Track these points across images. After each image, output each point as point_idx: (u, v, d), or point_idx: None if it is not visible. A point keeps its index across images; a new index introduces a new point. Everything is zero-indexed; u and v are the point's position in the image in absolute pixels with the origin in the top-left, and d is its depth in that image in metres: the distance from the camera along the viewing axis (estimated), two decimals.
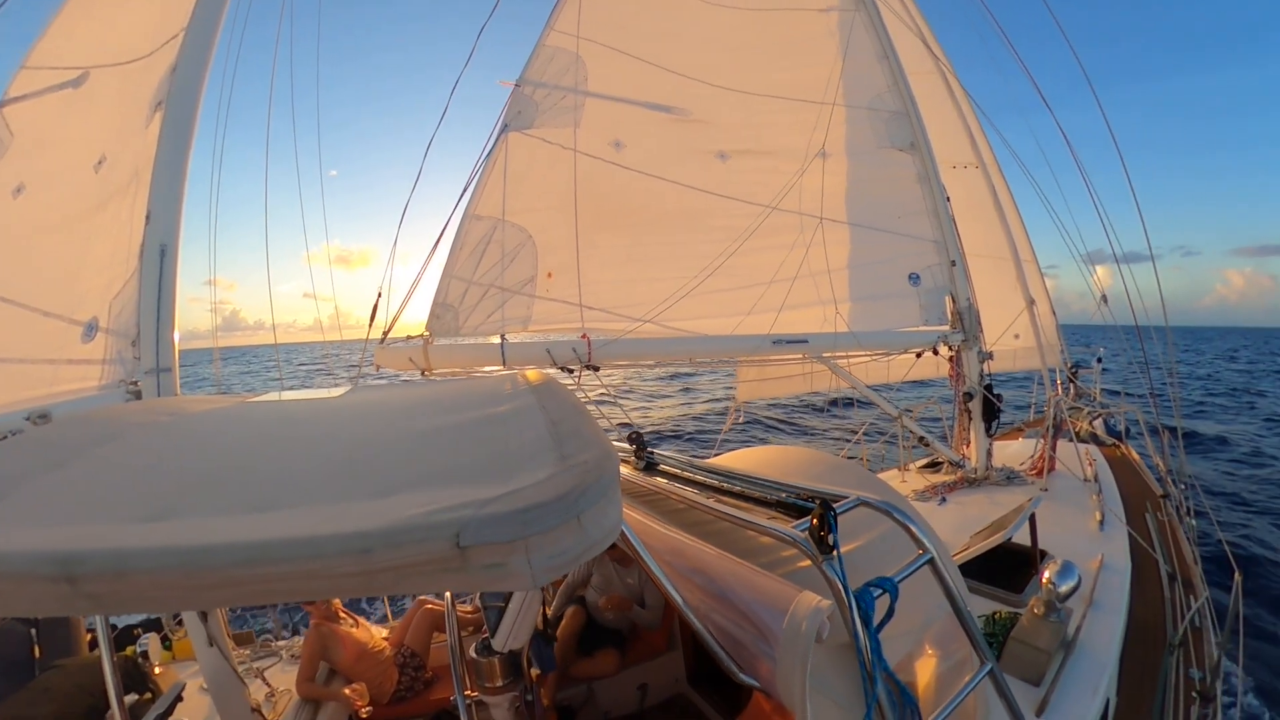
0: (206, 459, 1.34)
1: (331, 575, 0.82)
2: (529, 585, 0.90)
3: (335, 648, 3.40)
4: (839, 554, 1.55)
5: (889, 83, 5.33)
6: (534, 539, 0.86)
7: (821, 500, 1.62)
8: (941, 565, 1.79)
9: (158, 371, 2.73)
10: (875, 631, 1.62)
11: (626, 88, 5.04)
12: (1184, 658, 3.74)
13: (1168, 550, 4.67)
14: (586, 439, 1.21)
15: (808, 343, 3.90)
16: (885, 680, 1.76)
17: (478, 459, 1.19)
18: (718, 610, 1.79)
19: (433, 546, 0.82)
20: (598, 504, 0.96)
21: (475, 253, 4.68)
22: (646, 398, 18.31)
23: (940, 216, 4.74)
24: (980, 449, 4.79)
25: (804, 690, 1.48)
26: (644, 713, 3.92)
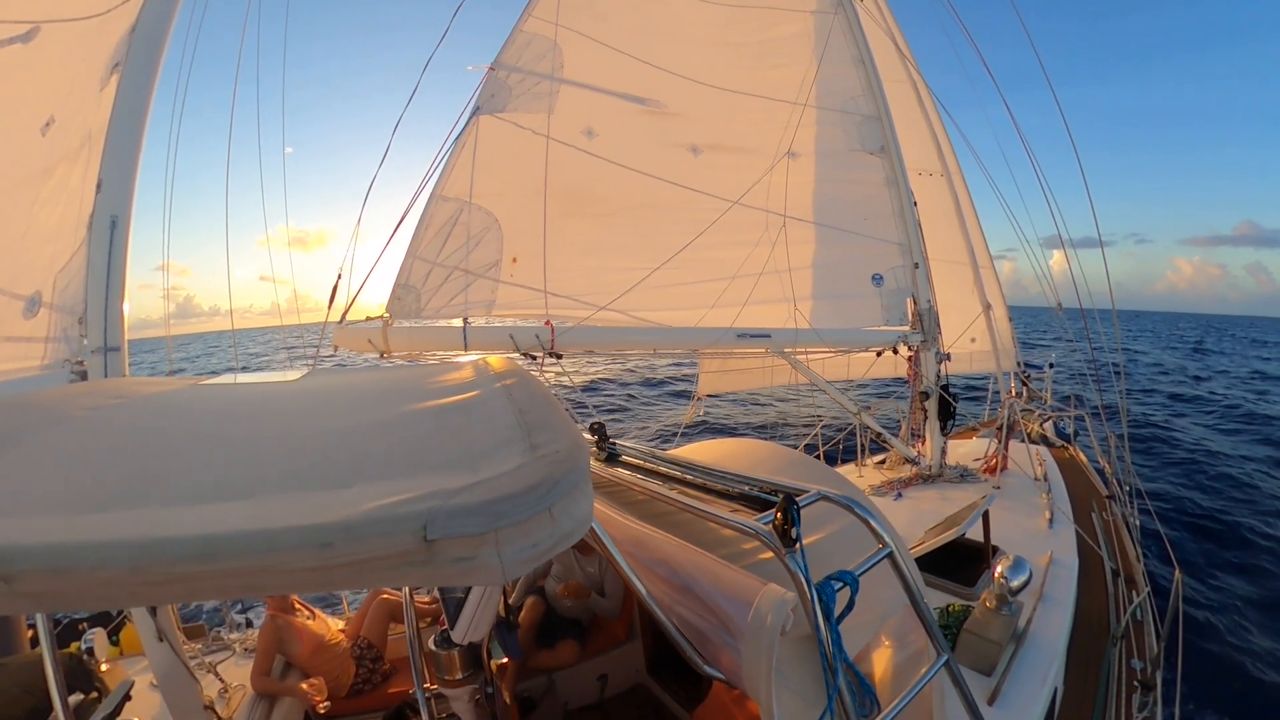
0: (155, 445, 1.26)
1: (288, 570, 0.77)
2: (499, 579, 0.86)
3: (291, 641, 3.33)
4: (802, 547, 1.56)
5: (863, 87, 5.40)
6: (505, 531, 0.82)
7: (785, 494, 1.61)
8: (900, 559, 1.82)
9: (105, 351, 2.59)
10: (836, 624, 1.63)
11: (602, 77, 5.01)
12: (1126, 649, 3.90)
13: (1112, 548, 4.87)
14: (557, 429, 1.17)
15: (770, 337, 3.95)
16: (845, 671, 1.80)
17: (443, 448, 1.15)
18: (681, 602, 1.79)
19: (398, 540, 0.78)
20: (569, 495, 0.93)
21: (440, 234, 4.59)
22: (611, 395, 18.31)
23: (906, 219, 4.83)
24: (935, 447, 4.91)
25: (769, 682, 1.48)
26: (604, 703, 3.93)
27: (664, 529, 2.03)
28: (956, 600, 3.62)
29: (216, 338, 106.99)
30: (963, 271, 6.09)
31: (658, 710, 3.82)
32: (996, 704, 3.00)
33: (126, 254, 2.69)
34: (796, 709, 1.61)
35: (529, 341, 3.98)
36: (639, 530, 2.07)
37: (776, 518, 1.57)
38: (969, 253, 5.87)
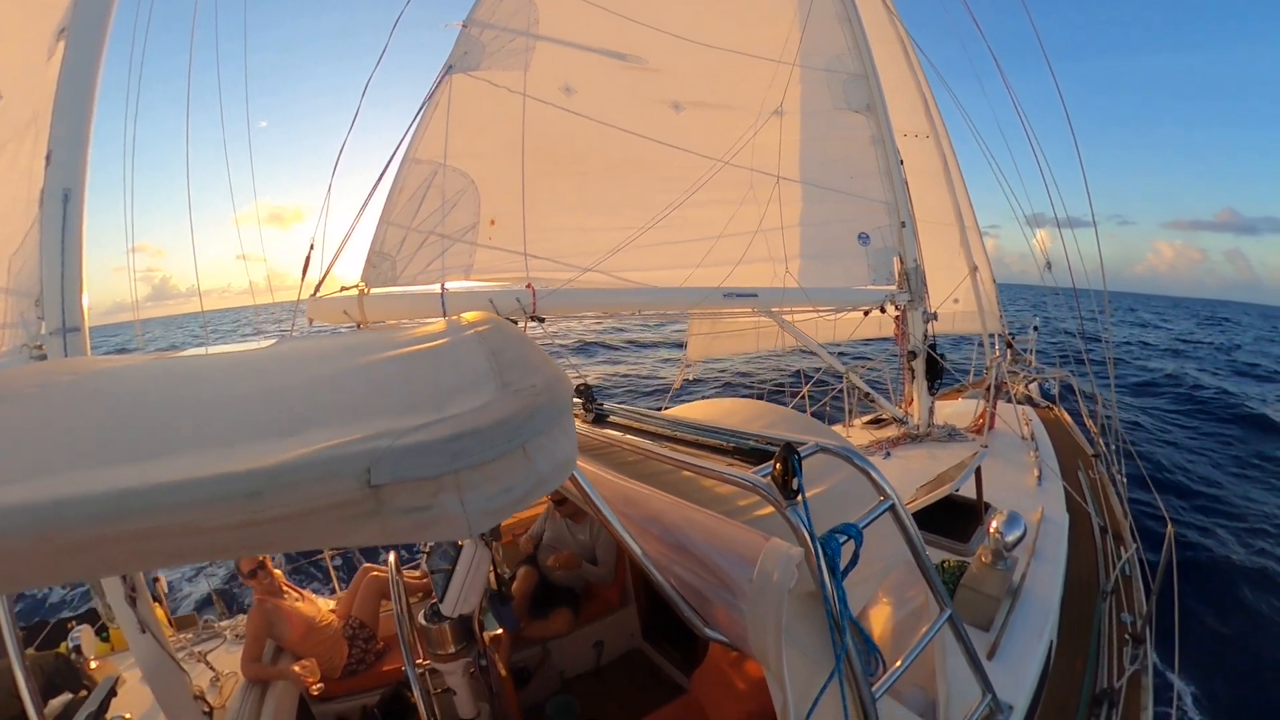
0: (98, 413, 1.11)
1: (213, 528, 0.66)
2: (464, 532, 0.74)
3: (281, 624, 3.25)
4: (804, 499, 1.49)
5: (849, 44, 5.26)
6: (466, 474, 0.71)
7: (785, 444, 1.53)
8: (901, 511, 1.77)
9: (64, 332, 2.42)
10: (841, 578, 1.57)
11: (580, 33, 4.82)
12: (1116, 604, 3.98)
13: (1099, 505, 4.94)
14: (533, 365, 1.05)
15: (757, 297, 3.86)
16: (851, 629, 1.74)
17: (405, 391, 1.01)
18: (678, 561, 1.72)
19: (336, 486, 0.67)
20: (548, 432, 0.82)
21: (415, 198, 4.43)
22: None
23: (893, 178, 4.75)
24: (923, 406, 4.91)
25: (779, 643, 1.42)
26: (600, 670, 3.93)
27: (658, 489, 1.95)
28: (951, 556, 3.63)
29: (194, 320, 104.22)
30: (949, 233, 6.05)
31: (654, 675, 3.83)
32: (995, 658, 3.02)
33: (82, 228, 2.51)
34: (802, 669, 1.54)
35: (510, 305, 3.85)
36: (631, 489, 1.98)
37: (775, 469, 1.50)
38: (956, 214, 5.82)
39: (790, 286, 4.14)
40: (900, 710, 2.08)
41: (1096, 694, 3.33)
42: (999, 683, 2.80)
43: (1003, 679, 2.79)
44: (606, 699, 3.66)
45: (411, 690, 2.77)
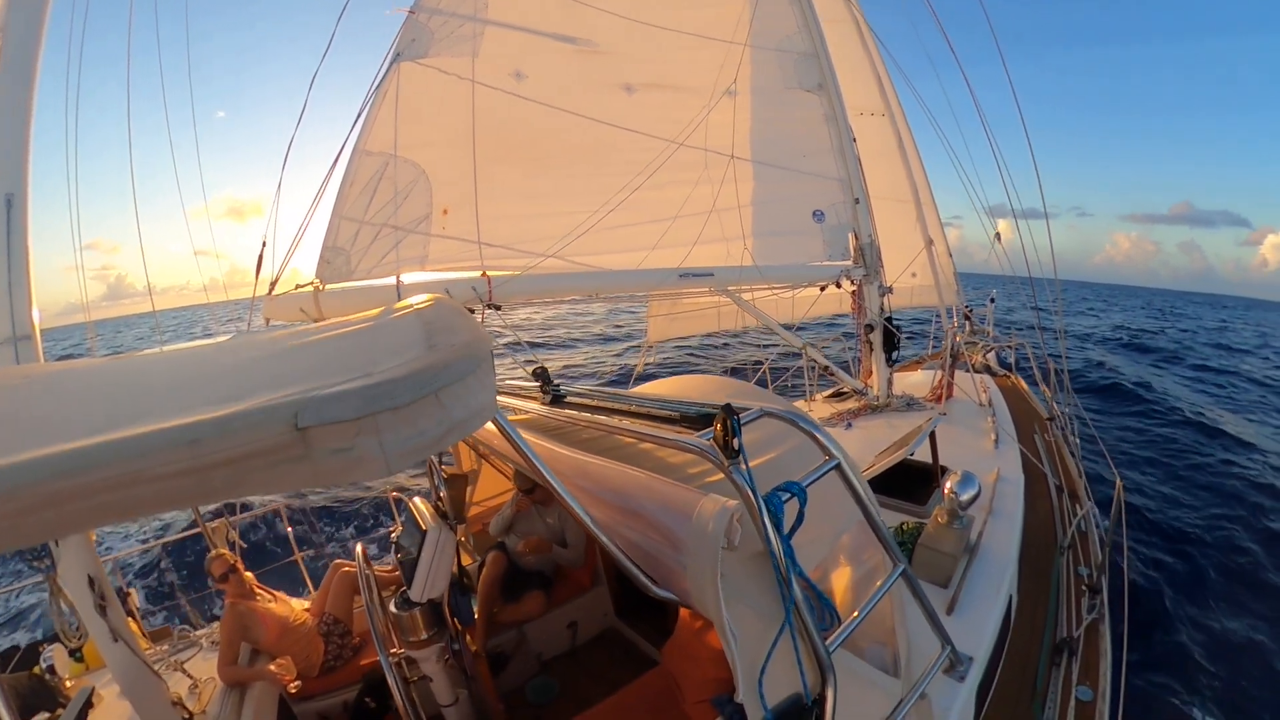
0: (49, 404, 1.17)
1: (158, 475, 0.72)
2: (383, 471, 0.81)
3: (255, 626, 3.23)
4: (745, 458, 1.52)
5: (800, 24, 5.28)
6: (384, 416, 0.77)
7: (724, 407, 1.56)
8: (848, 471, 1.80)
9: (15, 341, 2.37)
10: (787, 536, 1.62)
11: (530, 17, 4.76)
12: (1073, 558, 4.12)
13: (1055, 465, 5.10)
14: (458, 329, 1.13)
15: (713, 276, 3.89)
16: (801, 585, 1.78)
17: (343, 360, 1.07)
18: (629, 525, 1.76)
19: (269, 430, 0.74)
20: (462, 381, 0.89)
21: (366, 191, 4.35)
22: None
23: (846, 155, 4.80)
24: (881, 377, 5.00)
25: (717, 593, 1.45)
26: (576, 650, 3.98)
27: (615, 461, 2.00)
28: (910, 518, 3.71)
29: (151, 319, 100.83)
30: (905, 209, 6.13)
31: (629, 652, 3.88)
32: (954, 614, 3.10)
33: (27, 234, 2.44)
34: (755, 626, 1.59)
35: (465, 294, 3.82)
36: (588, 463, 2.03)
37: (717, 430, 1.53)
38: (912, 190, 5.91)
39: (746, 265, 4.17)
40: (858, 663, 2.15)
41: (1057, 643, 3.45)
42: (959, 636, 2.87)
43: (962, 632, 2.88)
44: (584, 678, 3.70)
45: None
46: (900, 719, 2.07)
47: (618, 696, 3.17)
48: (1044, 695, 3.18)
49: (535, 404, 2.94)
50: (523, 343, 4.79)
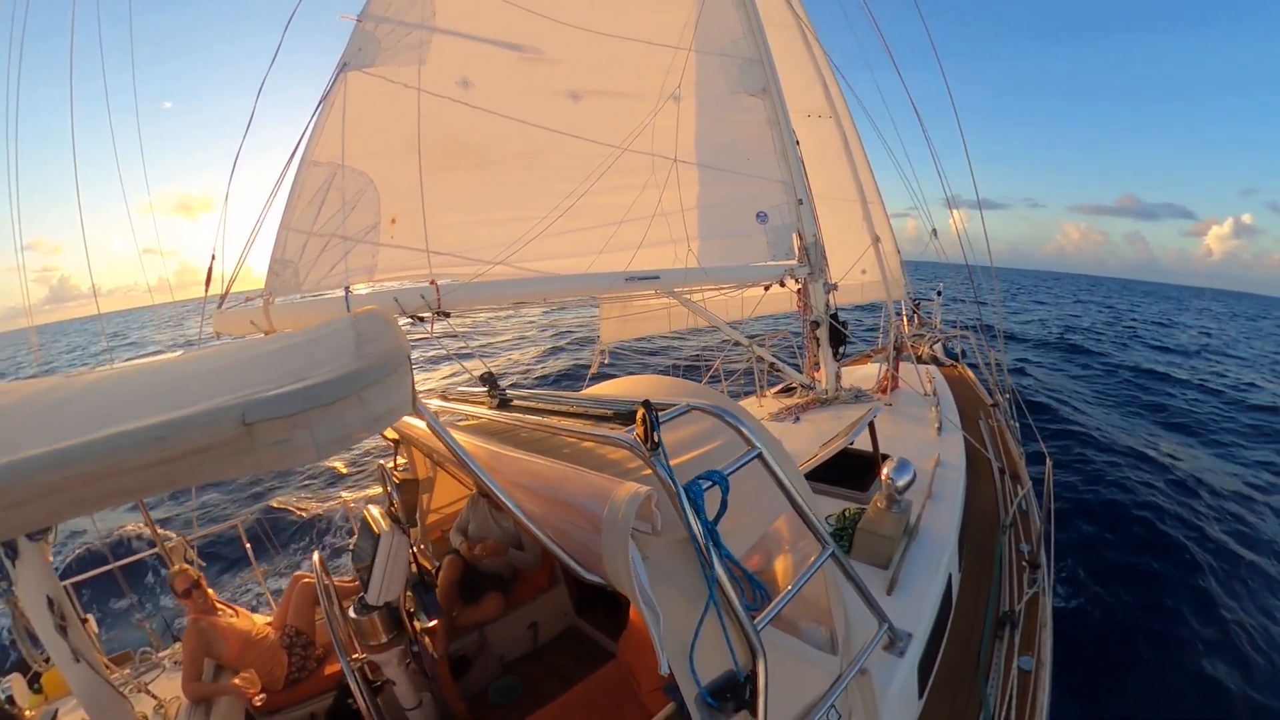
0: (17, 421, 1.33)
1: (133, 468, 0.87)
2: (314, 458, 0.98)
3: (217, 641, 3.23)
4: (663, 450, 1.64)
5: (745, 29, 5.39)
6: (315, 412, 0.94)
7: (644, 403, 1.67)
8: (771, 460, 1.91)
9: None
10: (710, 522, 1.72)
11: (477, 24, 4.78)
12: (1015, 536, 4.31)
13: (998, 449, 5.32)
14: (384, 339, 1.31)
15: (659, 279, 3.97)
16: (729, 567, 1.86)
17: (282, 368, 1.24)
18: (559, 514, 1.84)
19: (222, 426, 0.90)
20: (381, 383, 1.07)
21: (314, 202, 4.33)
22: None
23: (788, 158, 4.92)
24: (829, 372, 5.15)
25: (629, 570, 1.54)
26: (539, 650, 4.04)
27: (557, 459, 2.08)
28: (852, 505, 3.84)
29: (95, 323, 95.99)
30: (853, 208, 6.30)
31: (591, 649, 3.95)
32: (895, 593, 3.23)
33: None
34: (681, 606, 1.68)
35: (415, 303, 3.84)
36: (526, 460, 2.12)
37: (638, 425, 1.65)
38: (857, 189, 6.07)
39: (691, 267, 4.27)
40: (795, 643, 2.26)
41: (1000, 617, 3.61)
42: (899, 614, 2.98)
43: (902, 611, 3.06)
44: (547, 677, 3.75)
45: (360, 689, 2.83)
46: (838, 694, 2.16)
47: (577, 690, 3.25)
48: (988, 667, 3.33)
49: (484, 408, 3.02)
50: (470, 348, 4.83)
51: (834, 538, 3.53)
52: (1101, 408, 13.65)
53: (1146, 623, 6.01)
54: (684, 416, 1.96)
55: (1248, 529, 7.98)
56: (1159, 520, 7.82)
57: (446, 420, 3.10)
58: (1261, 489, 9.45)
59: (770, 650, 1.88)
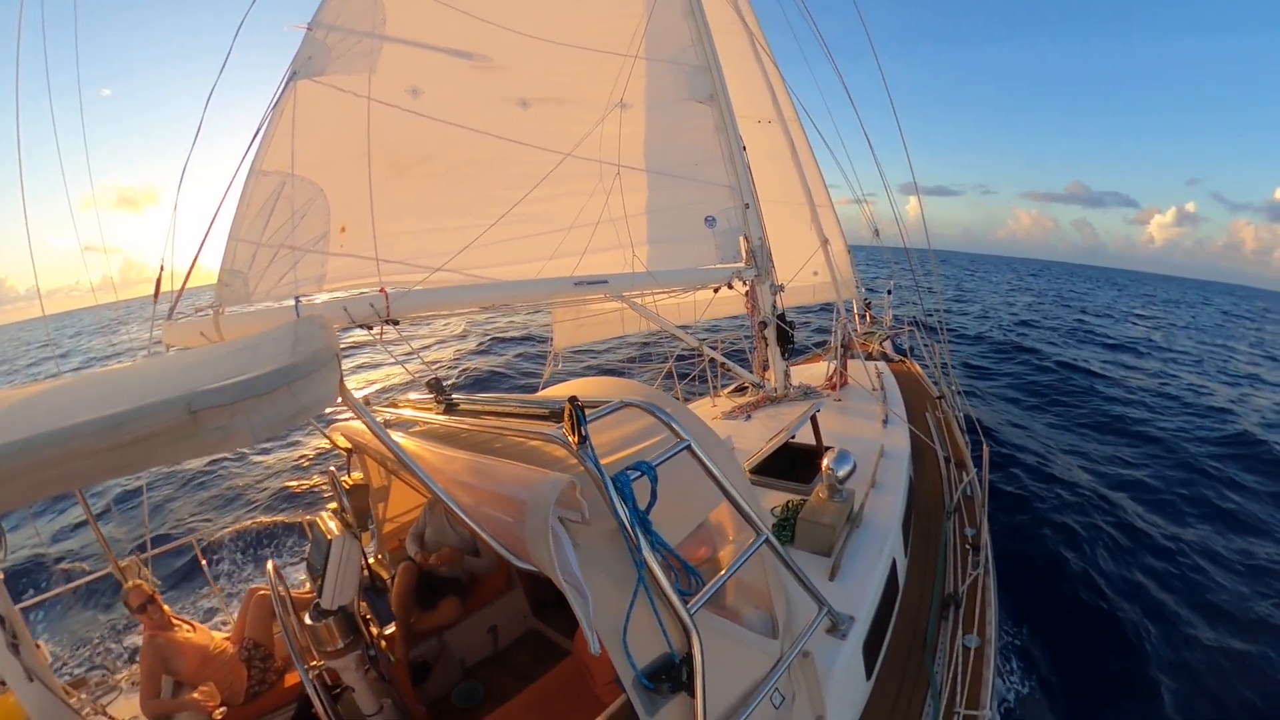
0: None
1: (92, 452, 0.99)
2: (250, 441, 1.13)
3: (175, 657, 3.19)
4: (589, 443, 1.74)
5: (693, 37, 5.50)
6: (251, 401, 1.09)
7: (570, 399, 1.77)
8: (700, 451, 2.01)
9: None
10: (641, 511, 1.82)
11: (427, 33, 4.81)
12: (959, 521, 4.47)
13: (943, 439, 5.51)
14: (315, 339, 1.45)
15: (608, 283, 4.05)
16: (664, 554, 1.93)
17: (230, 366, 1.37)
18: (488, 504, 1.92)
19: (171, 414, 1.04)
20: (308, 378, 1.23)
21: (263, 212, 4.32)
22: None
23: (735, 163, 5.06)
24: (778, 371, 5.30)
25: (549, 552, 1.62)
26: (499, 654, 4.08)
27: (501, 458, 2.17)
28: (796, 496, 3.95)
29: (37, 326, 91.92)
30: (802, 211, 6.46)
31: (551, 649, 3.99)
32: (838, 579, 3.32)
33: None
34: (614, 593, 1.77)
35: (364, 312, 3.86)
36: (471, 460, 2.20)
37: (565, 420, 1.75)
38: (805, 193, 6.24)
39: (639, 271, 4.37)
40: (735, 628, 2.34)
41: (945, 598, 3.75)
42: (842, 599, 3.09)
43: (845, 595, 3.18)
44: (509, 680, 3.78)
45: (327, 699, 2.85)
46: (779, 676, 2.27)
47: (533, 689, 3.30)
48: (934, 647, 3.45)
49: (432, 412, 3.10)
50: (418, 353, 4.88)
51: (778, 528, 3.66)
52: (1039, 405, 14.29)
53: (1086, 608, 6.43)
54: (625, 416, 2.09)
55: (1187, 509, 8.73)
56: (1091, 511, 8.42)
57: (398, 427, 3.16)
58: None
59: (710, 635, 1.97)
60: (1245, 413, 14.56)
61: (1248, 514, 8.78)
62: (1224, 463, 10.71)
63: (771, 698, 2.26)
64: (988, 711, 3.16)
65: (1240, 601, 6.68)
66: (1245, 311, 58.27)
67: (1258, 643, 6.01)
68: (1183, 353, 24.25)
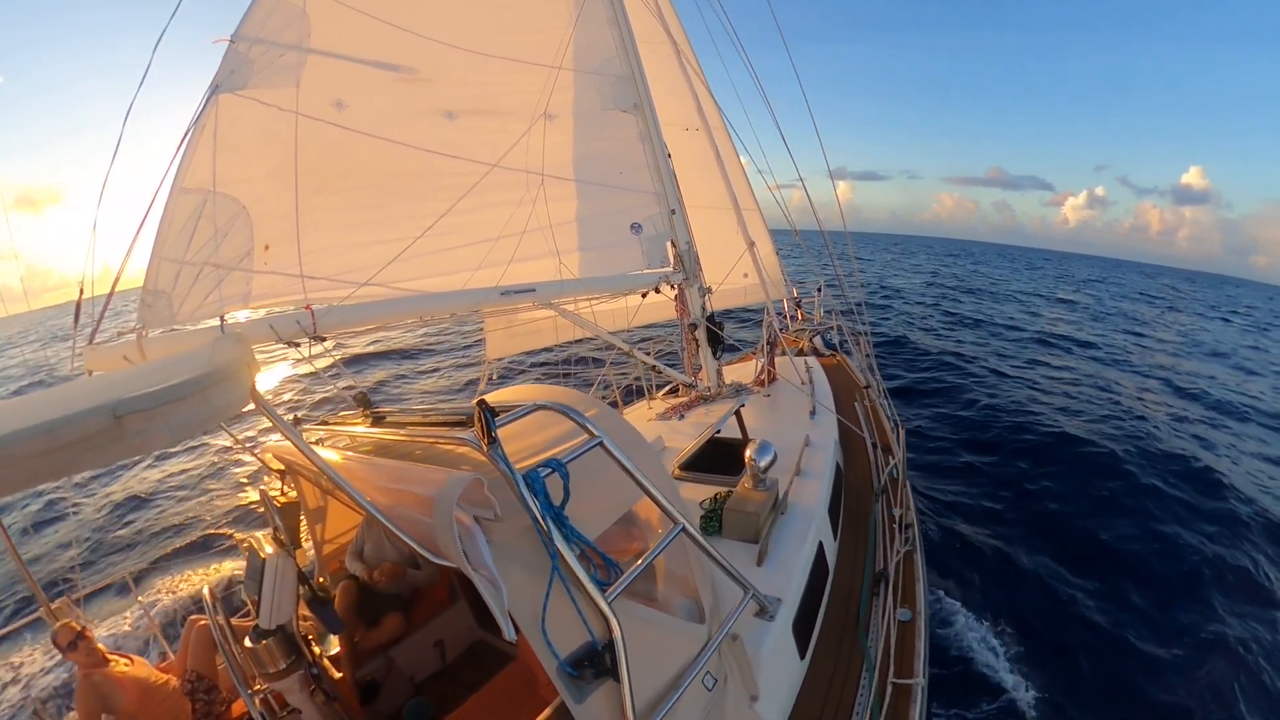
0: None
1: (26, 457, 1.08)
2: (170, 443, 1.27)
3: (114, 694, 3.09)
4: (499, 443, 1.85)
5: (618, 48, 5.62)
6: (168, 406, 1.23)
7: (478, 404, 1.88)
8: (613, 447, 2.12)
9: None
10: (553, 506, 1.93)
11: (353, 45, 4.78)
12: (887, 501, 4.68)
13: (871, 426, 5.80)
14: (229, 352, 1.59)
15: (535, 291, 4.14)
16: (584, 548, 2.04)
17: (155, 377, 1.47)
18: (405, 505, 2.00)
19: (98, 420, 1.14)
20: (219, 384, 1.37)
21: (185, 230, 4.25)
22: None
23: (660, 170, 5.23)
24: (710, 370, 5.51)
25: (456, 545, 1.72)
26: (448, 667, 4.08)
27: (428, 464, 2.26)
28: (723, 489, 4.09)
29: None
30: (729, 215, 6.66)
31: (500, 660, 3.96)
32: (765, 564, 3.44)
33: None
34: (531, 586, 1.87)
35: (290, 329, 3.83)
36: (392, 467, 2.30)
37: (475, 423, 1.87)
38: (730, 197, 6.45)
39: (567, 278, 4.49)
40: (661, 616, 2.44)
41: (876, 575, 3.93)
42: (769, 582, 3.23)
43: (772, 579, 3.31)
44: (459, 693, 3.75)
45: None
46: (708, 658, 2.37)
47: (479, 695, 3.35)
48: (867, 622, 3.63)
49: (362, 425, 3.17)
50: (344, 370, 4.89)
51: (706, 519, 3.82)
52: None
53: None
54: (551, 420, 2.23)
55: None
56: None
57: (331, 444, 3.20)
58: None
59: (634, 623, 2.08)
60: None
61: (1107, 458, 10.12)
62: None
63: (703, 680, 2.35)
64: (921, 679, 3.31)
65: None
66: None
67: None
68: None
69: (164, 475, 11.43)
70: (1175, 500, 8.91)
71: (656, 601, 2.63)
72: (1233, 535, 8.06)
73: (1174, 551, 7.59)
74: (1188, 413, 14.14)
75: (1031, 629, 6.14)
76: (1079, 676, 5.72)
